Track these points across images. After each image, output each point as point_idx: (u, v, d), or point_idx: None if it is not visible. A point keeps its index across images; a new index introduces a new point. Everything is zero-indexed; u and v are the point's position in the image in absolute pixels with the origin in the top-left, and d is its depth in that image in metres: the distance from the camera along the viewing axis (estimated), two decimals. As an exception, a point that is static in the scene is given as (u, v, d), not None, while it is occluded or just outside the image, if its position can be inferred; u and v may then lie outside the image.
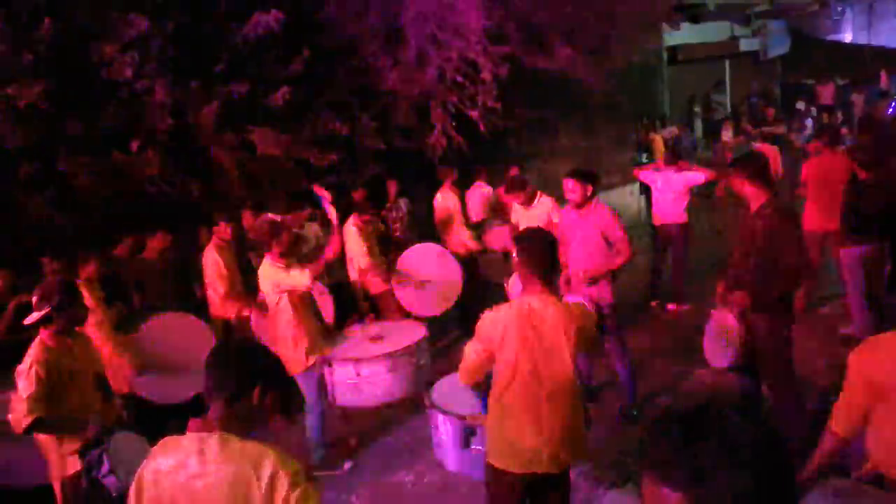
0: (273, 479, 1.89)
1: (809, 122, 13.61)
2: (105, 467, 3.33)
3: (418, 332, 4.81)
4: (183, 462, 1.93)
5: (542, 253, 2.94)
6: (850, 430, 2.57)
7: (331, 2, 6.05)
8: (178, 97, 5.22)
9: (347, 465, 4.65)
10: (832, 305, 6.59)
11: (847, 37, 24.16)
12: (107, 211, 5.54)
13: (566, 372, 2.92)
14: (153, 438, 2.16)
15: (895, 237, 6.33)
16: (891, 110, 13.87)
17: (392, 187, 6.59)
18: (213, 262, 5.19)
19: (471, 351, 3.07)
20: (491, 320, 2.97)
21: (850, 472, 2.46)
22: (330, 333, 4.98)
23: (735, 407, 1.13)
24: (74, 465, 3.42)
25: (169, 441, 2.01)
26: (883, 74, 17.63)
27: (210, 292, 5.29)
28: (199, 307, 5.46)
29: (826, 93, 16.59)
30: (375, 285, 5.96)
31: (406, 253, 6.14)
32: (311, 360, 4.39)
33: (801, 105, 15.35)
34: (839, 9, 24.08)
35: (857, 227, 5.39)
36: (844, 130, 7.32)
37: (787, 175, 9.60)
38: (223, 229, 5.21)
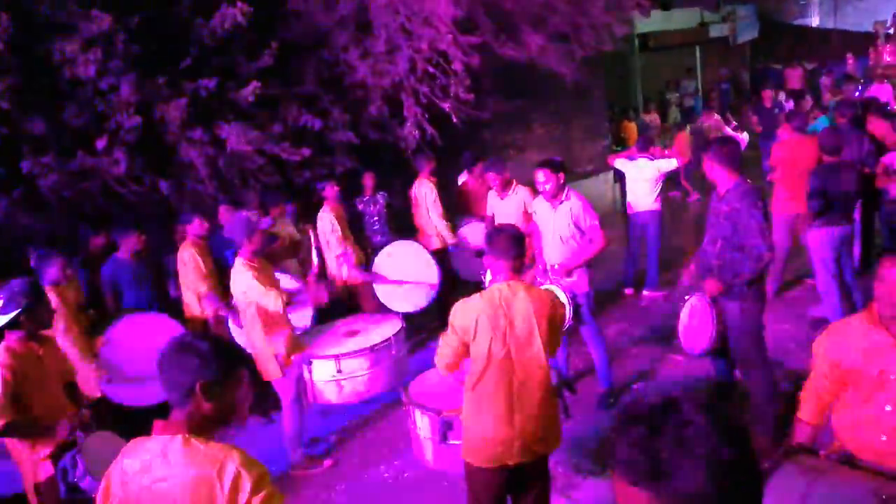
0: (236, 481, 1.88)
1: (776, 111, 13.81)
2: (80, 469, 3.27)
3: (394, 324, 4.79)
4: (147, 465, 1.92)
5: (509, 243, 3.02)
6: (819, 416, 2.62)
7: (298, -7, 5.98)
8: (145, 94, 5.12)
9: (327, 463, 4.63)
10: (802, 288, 6.70)
11: (814, 21, 24.53)
12: (74, 212, 5.44)
13: (538, 358, 2.96)
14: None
15: (863, 219, 6.47)
16: (857, 94, 14.10)
17: (369, 180, 6.55)
18: (190, 261, 5.11)
19: (445, 343, 3.09)
20: (463, 310, 3.01)
21: (818, 451, 2.50)
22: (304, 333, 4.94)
23: (699, 399, 1.12)
24: (47, 469, 3.37)
25: (136, 443, 1.99)
26: (849, 58, 17.92)
27: (186, 292, 5.22)
28: (175, 308, 5.39)
29: (794, 77, 16.82)
30: (352, 276, 5.93)
31: (386, 249, 6.14)
32: (288, 363, 4.35)
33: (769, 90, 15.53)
34: (806, -7, 24.38)
35: (822, 212, 5.48)
36: (818, 112, 7.39)
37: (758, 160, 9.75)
38: (199, 226, 5.14)
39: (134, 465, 1.93)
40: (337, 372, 4.35)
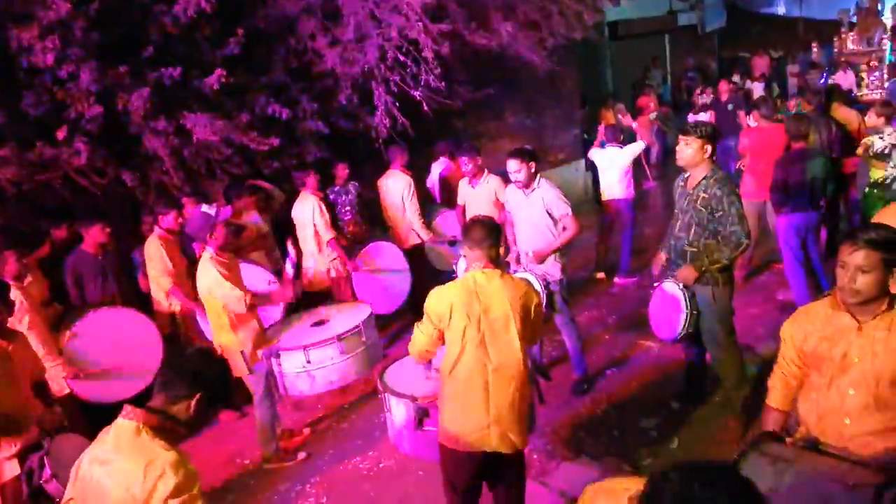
0: (158, 479, 1.96)
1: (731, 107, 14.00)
2: (46, 472, 3.21)
3: (362, 310, 4.74)
4: (102, 442, 2.09)
5: (485, 232, 3.05)
6: (788, 402, 2.65)
7: (265, -21, 5.86)
8: (106, 83, 4.97)
9: (301, 456, 4.59)
10: (770, 273, 6.81)
11: (780, 10, 24.85)
12: (34, 204, 5.28)
13: (513, 345, 2.97)
14: None
15: (830, 205, 6.59)
16: (822, 81, 14.34)
17: (343, 171, 6.48)
18: (156, 255, 5.00)
19: (419, 331, 3.09)
20: (437, 296, 3.03)
21: (784, 439, 2.53)
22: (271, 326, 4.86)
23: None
24: (13, 469, 3.30)
25: (107, 428, 2.14)
26: (814, 46, 18.21)
27: (153, 286, 5.11)
28: (144, 301, 5.28)
29: (760, 64, 17.03)
30: (337, 269, 5.86)
31: (366, 248, 6.09)
32: (257, 358, 4.28)
33: (736, 78, 15.72)
34: (772, -18, 24.70)
35: (785, 200, 5.56)
36: (792, 102, 7.44)
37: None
38: (170, 220, 5.02)
39: (96, 451, 2.10)
40: (307, 363, 4.29)
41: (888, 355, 2.31)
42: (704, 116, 10.04)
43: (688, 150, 3.92)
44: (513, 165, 4.64)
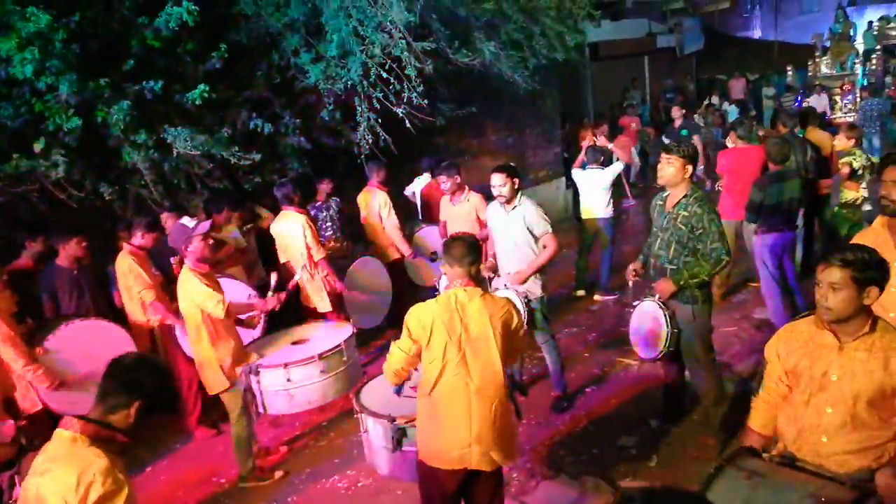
0: (89, 486, 2.00)
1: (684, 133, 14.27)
2: (17, 491, 3.14)
3: (344, 330, 4.70)
4: (43, 460, 2.10)
5: (465, 250, 3.04)
6: (769, 426, 2.66)
7: (248, -6, 5.86)
8: (86, 95, 4.94)
9: (278, 475, 4.51)
10: (747, 291, 6.90)
11: (756, 34, 25.47)
12: (9, 217, 5.20)
13: (494, 364, 2.96)
14: None
15: (805, 225, 6.70)
16: (797, 104, 14.65)
17: (326, 187, 6.46)
18: (129, 271, 4.92)
19: (397, 348, 3.06)
20: (418, 313, 3.01)
21: (761, 454, 2.55)
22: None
23: None
24: (-17, 487, 3.22)
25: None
26: (789, 69, 18.62)
27: (128, 302, 5.03)
28: (119, 316, 5.20)
29: (737, 87, 17.37)
30: (330, 283, 5.80)
31: (353, 265, 6.06)
32: (235, 375, 4.23)
33: (714, 99, 16.03)
34: (748, 6, 25.32)
35: (762, 220, 5.65)
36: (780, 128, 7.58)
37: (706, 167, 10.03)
38: (140, 238, 4.94)
39: (37, 461, 2.12)
40: (287, 381, 4.22)
41: (866, 376, 2.35)
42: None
43: (669, 168, 3.97)
44: (497, 180, 4.67)
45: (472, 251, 3.06)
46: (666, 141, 9.89)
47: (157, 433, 5.13)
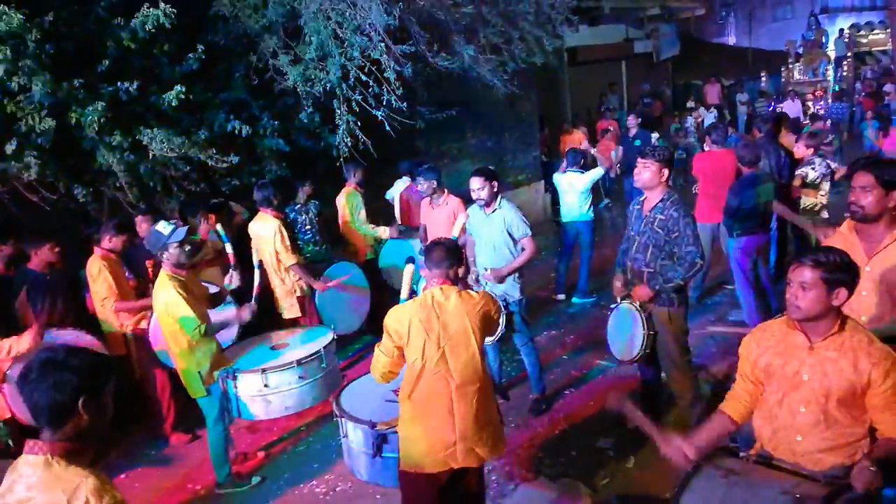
0: None
1: (690, 121, 14.50)
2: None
3: (323, 335, 4.66)
4: (11, 486, 1.87)
5: (445, 253, 3.08)
6: (738, 413, 2.71)
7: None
8: (59, 96, 4.86)
9: (255, 480, 4.47)
10: (722, 293, 6.99)
11: (731, 40, 25.85)
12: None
13: (474, 360, 2.98)
14: None
15: (779, 228, 6.82)
16: (770, 109, 14.90)
17: (305, 189, 6.41)
18: (99, 276, 4.83)
19: (380, 351, 3.08)
20: (396, 315, 3.03)
21: (738, 454, 2.59)
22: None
23: None
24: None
25: (16, 461, 1.93)
26: (763, 75, 18.94)
27: (99, 307, 4.95)
28: (93, 321, 5.11)
29: (712, 92, 17.62)
30: (301, 289, 5.77)
31: (331, 268, 6.02)
32: (213, 380, 4.18)
33: (691, 104, 16.25)
34: (723, 13, 25.71)
35: (737, 223, 5.73)
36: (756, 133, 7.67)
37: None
38: (110, 241, 4.87)
39: (5, 484, 1.89)
40: (264, 386, 4.18)
41: (837, 375, 2.40)
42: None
43: (646, 172, 4.02)
44: (476, 183, 4.69)
45: (451, 255, 3.09)
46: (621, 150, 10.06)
47: (132, 440, 5.06)
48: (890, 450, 2.36)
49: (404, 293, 3.55)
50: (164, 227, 4.10)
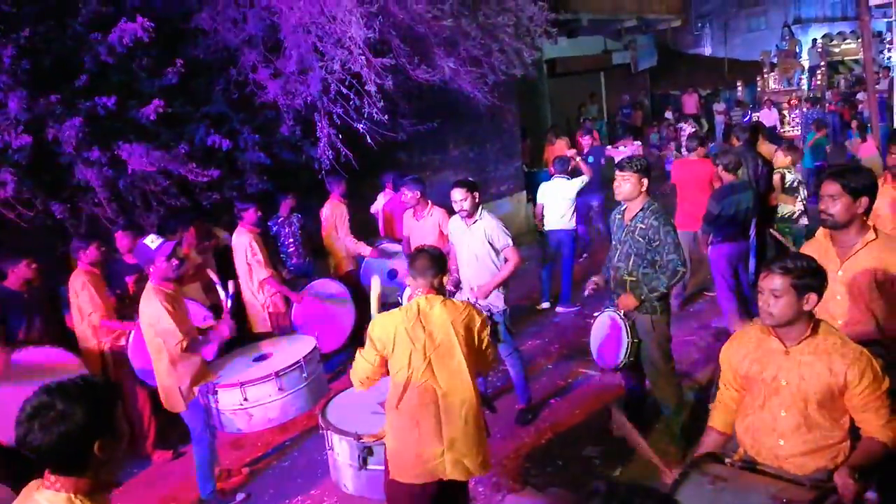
0: None
1: (664, 132, 14.70)
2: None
3: (306, 344, 4.58)
4: None
5: (429, 262, 3.07)
6: (728, 425, 2.74)
7: (204, 9, 5.79)
8: (36, 112, 4.81)
9: (240, 498, 4.41)
10: (704, 301, 7.05)
11: (707, 50, 26.27)
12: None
13: (461, 369, 2.97)
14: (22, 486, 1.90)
15: (758, 235, 6.89)
16: (746, 119, 15.12)
17: (288, 202, 6.39)
18: (83, 291, 4.78)
19: (362, 358, 3.06)
20: (382, 323, 3.02)
21: (724, 459, 2.60)
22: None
23: None
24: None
25: (28, 489, 1.81)
26: (739, 85, 19.22)
27: (79, 324, 4.88)
28: (71, 339, 5.03)
29: (690, 102, 17.85)
30: (275, 304, 5.74)
31: (311, 284, 5.99)
32: (193, 395, 4.13)
33: (669, 114, 16.45)
34: (699, 24, 26.13)
35: (717, 231, 5.79)
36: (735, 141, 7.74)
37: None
38: (93, 253, 4.82)
39: None
40: (244, 400, 4.10)
41: (813, 378, 2.42)
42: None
43: (626, 184, 4.05)
44: (458, 195, 4.71)
45: (435, 263, 3.08)
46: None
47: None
48: (870, 453, 2.39)
49: (374, 309, 3.48)
50: (151, 240, 4.07)
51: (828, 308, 2.50)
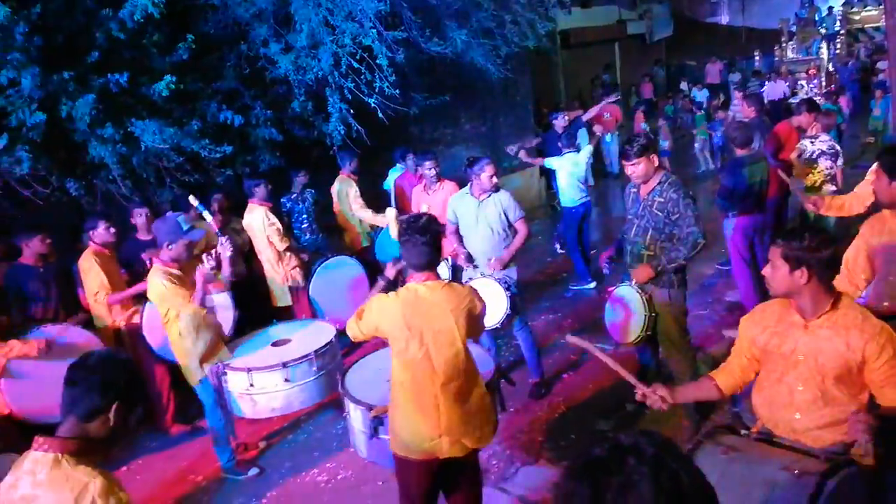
0: None
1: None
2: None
3: (326, 333, 4.49)
4: (15, 482, 1.87)
5: (423, 245, 2.94)
6: (727, 386, 2.74)
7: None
8: (49, 89, 4.82)
9: (252, 472, 4.46)
10: (718, 275, 7.00)
11: (724, 19, 25.72)
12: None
13: (458, 357, 2.94)
14: None
15: (776, 208, 6.79)
16: (761, 90, 14.83)
17: (301, 179, 6.39)
18: (91, 271, 4.81)
19: (355, 325, 3.05)
20: (378, 309, 2.97)
21: (739, 431, 2.61)
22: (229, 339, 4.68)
23: (646, 452, 1.13)
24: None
25: (21, 457, 1.94)
26: (757, 54, 18.83)
27: (91, 301, 4.93)
28: (87, 314, 5.10)
29: (713, 71, 17.48)
30: (293, 277, 5.77)
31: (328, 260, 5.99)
32: (206, 371, 4.18)
33: (684, 85, 16.19)
34: (716, -8, 25.56)
35: (730, 205, 5.71)
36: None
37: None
38: (104, 233, 4.84)
39: (9, 480, 1.89)
40: (249, 385, 4.08)
41: (831, 353, 2.40)
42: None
43: (637, 169, 4.01)
44: (492, 169, 4.82)
45: (429, 241, 2.95)
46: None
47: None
48: (893, 412, 2.37)
49: (393, 233, 3.59)
50: (184, 220, 4.11)
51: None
